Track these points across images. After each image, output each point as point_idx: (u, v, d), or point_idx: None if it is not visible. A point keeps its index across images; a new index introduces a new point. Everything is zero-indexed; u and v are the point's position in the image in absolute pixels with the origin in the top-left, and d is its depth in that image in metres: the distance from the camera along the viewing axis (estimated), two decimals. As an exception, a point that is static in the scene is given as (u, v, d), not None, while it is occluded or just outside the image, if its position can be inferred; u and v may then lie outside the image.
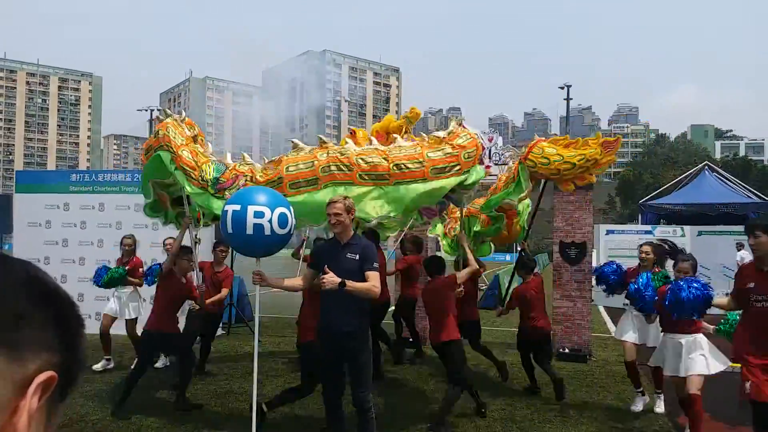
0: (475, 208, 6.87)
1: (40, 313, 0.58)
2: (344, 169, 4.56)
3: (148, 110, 45.62)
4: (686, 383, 4.64)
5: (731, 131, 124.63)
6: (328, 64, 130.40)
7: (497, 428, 5.15)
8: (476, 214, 6.86)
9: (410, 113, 6.13)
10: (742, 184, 17.16)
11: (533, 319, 6.19)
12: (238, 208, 4.05)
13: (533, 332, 6.20)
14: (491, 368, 6.98)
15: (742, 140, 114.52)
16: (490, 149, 14.25)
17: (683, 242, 12.83)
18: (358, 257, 4.01)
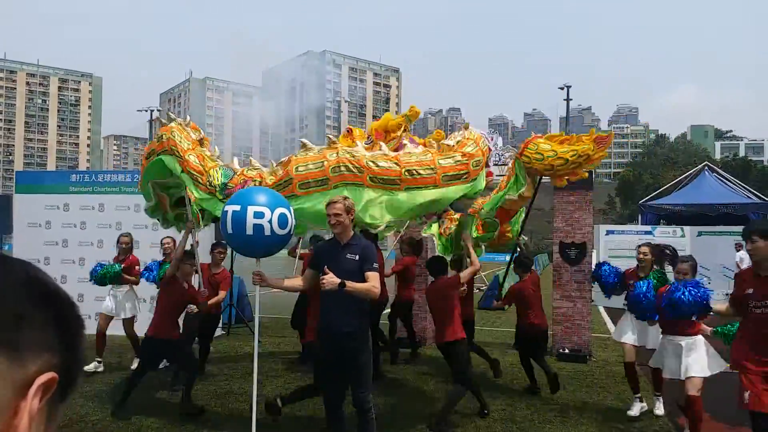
0: (474, 208, 6.87)
1: (40, 313, 0.58)
2: (355, 171, 4.49)
3: (148, 111, 45.71)
4: (685, 385, 4.64)
5: (731, 132, 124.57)
6: (328, 64, 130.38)
7: (497, 428, 5.15)
8: (475, 214, 6.87)
9: (410, 111, 6.11)
10: (741, 184, 17.16)
11: (530, 316, 6.28)
12: (238, 208, 4.06)
13: (531, 329, 6.29)
14: (491, 368, 6.97)
15: (741, 141, 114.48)
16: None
17: (683, 243, 12.83)
18: (357, 257, 4.01)
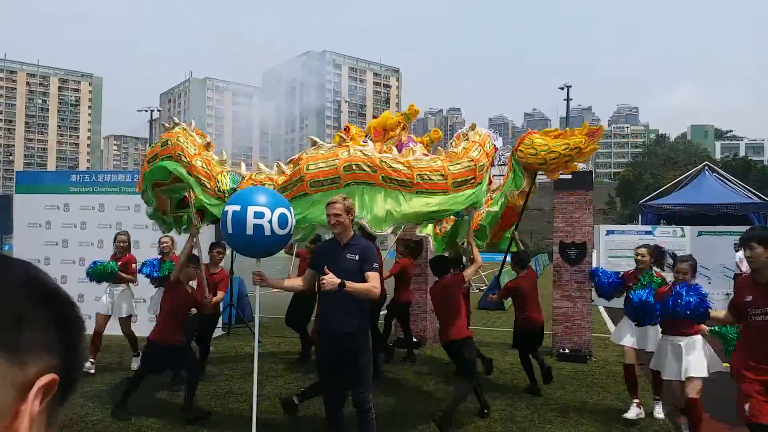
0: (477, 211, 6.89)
1: (40, 314, 0.57)
2: (367, 169, 4.46)
3: (148, 111, 45.74)
4: (685, 387, 4.62)
5: (731, 131, 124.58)
6: (328, 64, 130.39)
7: (497, 428, 5.15)
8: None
9: (409, 110, 6.11)
10: (742, 184, 17.15)
11: (528, 312, 6.41)
12: (238, 208, 4.05)
13: (528, 325, 6.40)
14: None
15: (742, 140, 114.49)
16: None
17: (683, 243, 12.82)
18: (357, 258, 4.01)
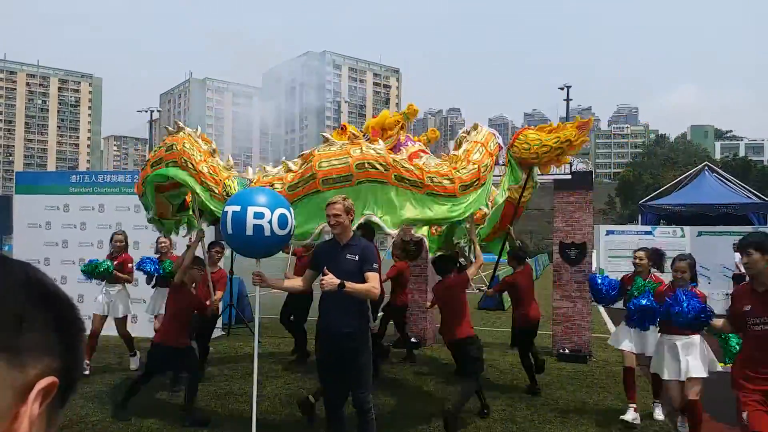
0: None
1: (40, 315, 0.57)
2: (380, 168, 4.41)
3: (148, 111, 45.71)
4: (685, 388, 4.61)
5: (731, 132, 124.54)
6: (327, 65, 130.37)
7: (497, 429, 5.15)
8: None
9: (408, 109, 6.09)
10: (741, 184, 17.14)
11: (524, 307, 6.47)
12: (237, 209, 4.05)
13: (525, 320, 6.45)
14: (491, 369, 6.98)
15: (741, 141, 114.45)
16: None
17: (683, 243, 12.82)
18: (357, 258, 4.01)
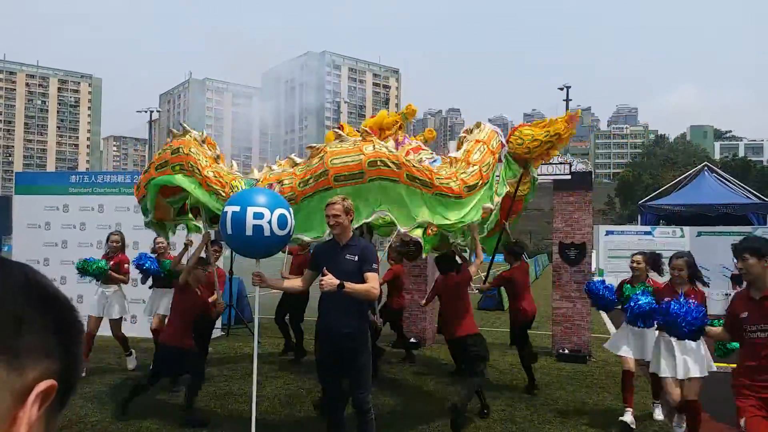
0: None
1: (39, 318, 0.57)
2: (392, 166, 4.40)
3: (147, 111, 45.72)
4: (684, 389, 4.60)
5: (730, 132, 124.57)
6: (327, 65, 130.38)
7: (497, 429, 5.15)
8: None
9: (406, 110, 6.09)
10: (741, 184, 17.14)
11: (521, 302, 6.52)
12: (237, 209, 4.05)
13: (522, 315, 6.50)
14: (490, 369, 6.98)
15: (741, 141, 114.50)
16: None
17: (683, 243, 12.82)
18: (357, 258, 4.01)
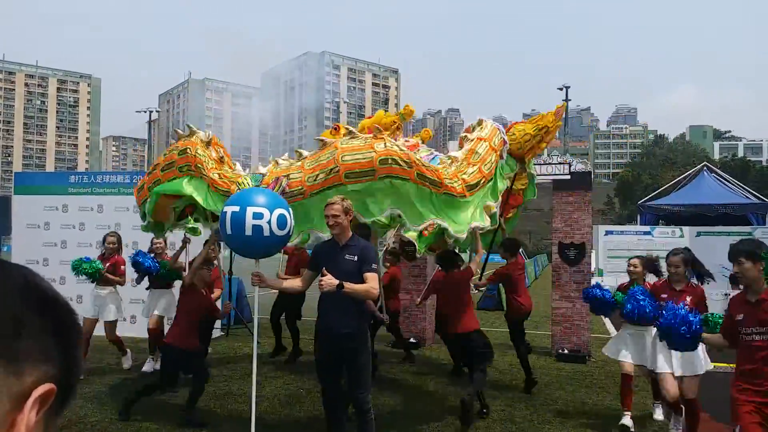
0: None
1: (38, 321, 0.56)
2: (403, 164, 4.40)
3: (146, 112, 45.75)
4: (683, 388, 4.59)
5: (730, 132, 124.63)
6: (327, 65, 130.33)
7: (496, 429, 5.15)
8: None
9: (404, 110, 6.09)
10: (740, 184, 17.13)
11: (518, 298, 6.58)
12: (237, 209, 4.05)
13: (518, 310, 6.56)
14: (489, 369, 6.96)
15: (740, 141, 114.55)
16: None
17: (682, 243, 12.80)
18: (356, 258, 4.01)
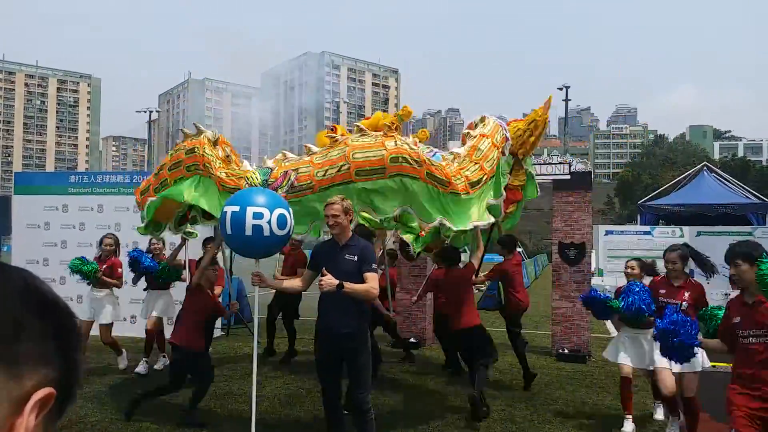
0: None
1: (38, 324, 0.56)
2: (414, 163, 4.41)
3: (146, 112, 45.75)
4: (682, 387, 4.59)
5: (730, 132, 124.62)
6: (326, 65, 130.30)
7: (497, 429, 5.15)
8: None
9: (402, 111, 6.08)
10: (740, 184, 17.13)
11: (515, 293, 6.64)
12: (237, 209, 4.05)
13: (516, 305, 6.62)
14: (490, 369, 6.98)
15: (740, 141, 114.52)
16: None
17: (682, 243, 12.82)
18: (356, 258, 4.01)
